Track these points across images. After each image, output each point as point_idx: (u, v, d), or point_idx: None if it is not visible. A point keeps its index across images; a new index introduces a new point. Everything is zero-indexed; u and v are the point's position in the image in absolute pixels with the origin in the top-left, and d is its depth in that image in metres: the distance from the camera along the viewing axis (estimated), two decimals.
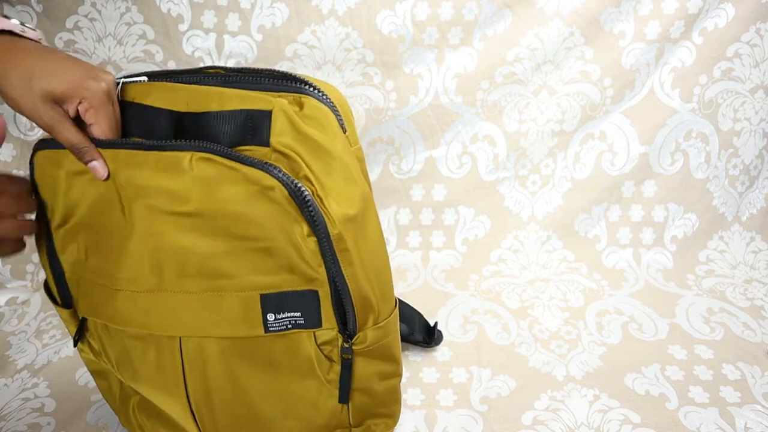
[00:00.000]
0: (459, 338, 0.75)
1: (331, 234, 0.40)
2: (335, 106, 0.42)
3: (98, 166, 0.42)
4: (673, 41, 0.85)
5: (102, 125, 0.42)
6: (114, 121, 0.43)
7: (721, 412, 0.62)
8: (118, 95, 0.43)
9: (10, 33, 0.42)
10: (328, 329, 0.46)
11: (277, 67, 0.85)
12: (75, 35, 0.81)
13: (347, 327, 0.46)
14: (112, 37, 0.82)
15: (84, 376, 0.68)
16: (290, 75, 0.42)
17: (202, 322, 0.45)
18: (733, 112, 0.90)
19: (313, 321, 0.45)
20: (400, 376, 0.53)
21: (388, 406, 0.55)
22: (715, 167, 0.93)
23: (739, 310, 0.81)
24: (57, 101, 0.41)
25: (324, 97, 0.42)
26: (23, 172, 0.85)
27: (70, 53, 0.82)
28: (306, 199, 0.39)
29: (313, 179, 0.40)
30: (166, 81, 0.43)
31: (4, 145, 0.83)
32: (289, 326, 0.45)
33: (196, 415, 0.50)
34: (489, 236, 0.95)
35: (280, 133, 0.40)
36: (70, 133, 0.41)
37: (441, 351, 0.72)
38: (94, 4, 0.80)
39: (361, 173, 0.44)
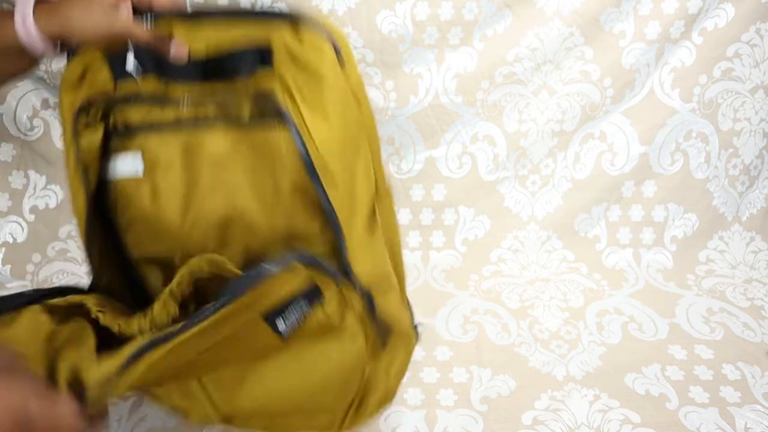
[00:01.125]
0: (459, 338, 0.75)
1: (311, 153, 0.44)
2: (332, 36, 0.46)
3: (178, 48, 0.45)
4: (673, 41, 0.85)
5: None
6: None
7: (721, 412, 0.62)
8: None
9: None
10: (329, 290, 0.45)
11: None
12: None
13: (344, 265, 0.45)
14: None
15: None
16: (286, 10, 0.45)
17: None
18: (733, 112, 0.90)
19: (317, 296, 0.45)
20: (398, 290, 0.54)
21: (401, 322, 0.53)
22: (715, 167, 0.93)
23: (739, 310, 0.81)
24: (118, 6, 0.44)
25: (322, 29, 0.45)
26: (23, 172, 0.85)
27: None
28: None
29: (298, 98, 0.44)
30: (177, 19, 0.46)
31: (4, 144, 0.83)
32: (300, 319, 0.45)
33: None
34: (489, 236, 0.95)
35: (280, 61, 0.44)
36: (143, 33, 0.44)
37: (441, 351, 0.72)
38: None
39: (348, 96, 0.46)
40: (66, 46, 0.46)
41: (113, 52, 0.45)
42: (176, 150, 0.49)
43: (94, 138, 0.47)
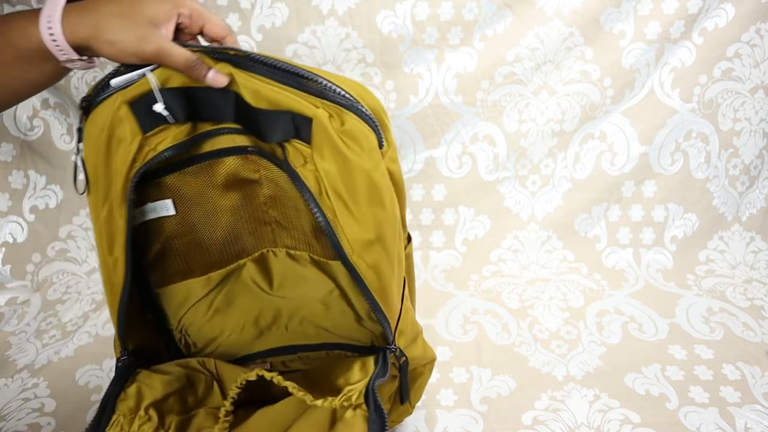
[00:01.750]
0: (459, 338, 0.75)
1: (348, 254, 0.42)
2: (374, 121, 0.42)
3: (217, 74, 0.41)
4: (673, 41, 0.85)
5: (215, 20, 0.42)
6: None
7: (721, 412, 0.62)
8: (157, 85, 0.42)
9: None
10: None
11: None
12: None
13: (388, 341, 0.48)
14: None
15: (84, 376, 0.68)
16: (334, 86, 0.41)
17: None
18: (733, 112, 0.90)
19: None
20: (421, 331, 0.56)
21: (427, 357, 0.56)
22: (715, 167, 0.93)
23: (739, 310, 0.81)
24: (159, 24, 0.40)
25: (366, 113, 0.41)
26: (23, 172, 0.85)
27: None
28: None
29: (335, 203, 0.41)
30: (214, 58, 0.42)
31: (4, 144, 0.83)
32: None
33: None
34: (489, 236, 0.95)
35: (317, 145, 0.41)
36: (181, 52, 0.40)
37: (441, 351, 0.72)
38: None
39: (390, 196, 0.44)
40: (94, 56, 0.42)
41: (136, 101, 0.41)
42: (205, 183, 0.49)
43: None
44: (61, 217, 0.89)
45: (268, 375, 0.47)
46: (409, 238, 0.53)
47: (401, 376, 0.52)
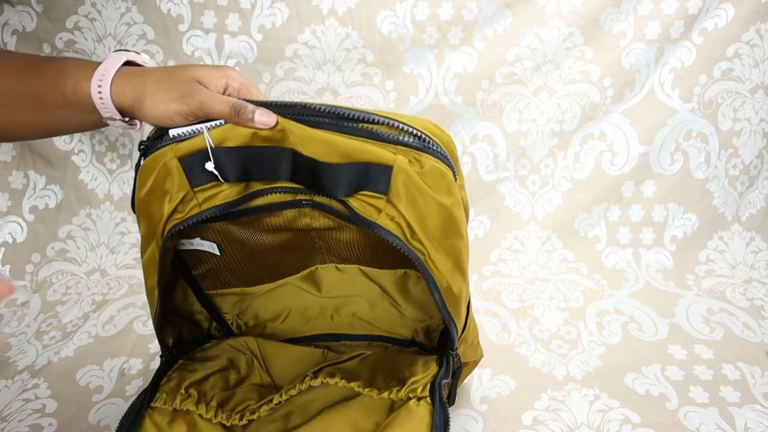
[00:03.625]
0: None
1: (440, 287, 0.44)
2: (449, 158, 0.42)
3: (264, 114, 0.41)
4: (673, 41, 0.85)
5: (256, 93, 0.43)
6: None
7: (721, 412, 0.62)
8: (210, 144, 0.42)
9: (129, 63, 0.43)
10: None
11: (276, 68, 0.85)
12: (75, 35, 0.81)
13: (447, 348, 0.51)
14: (112, 37, 0.82)
15: (85, 377, 0.68)
16: (409, 128, 0.41)
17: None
18: (733, 112, 0.90)
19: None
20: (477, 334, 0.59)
21: (477, 355, 0.60)
22: (715, 167, 0.93)
23: (739, 310, 0.81)
24: (205, 84, 0.41)
25: (441, 152, 0.42)
26: (23, 172, 0.85)
27: (71, 53, 0.82)
28: None
29: (425, 243, 0.42)
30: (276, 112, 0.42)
31: (4, 145, 0.83)
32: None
33: None
34: (489, 236, 0.95)
35: (398, 190, 0.40)
36: (224, 98, 0.41)
37: None
38: (94, 4, 0.80)
39: (465, 225, 0.45)
40: (137, 119, 0.43)
41: (188, 157, 0.42)
42: (255, 230, 0.51)
43: (173, 247, 0.48)
44: (60, 217, 0.89)
45: (332, 381, 0.50)
46: None
47: (453, 381, 0.54)
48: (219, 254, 0.52)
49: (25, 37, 0.79)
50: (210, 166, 0.41)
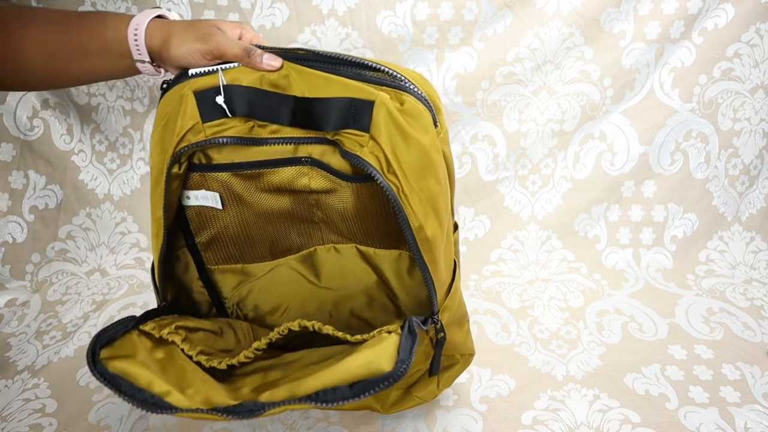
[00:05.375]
0: None
1: (412, 225, 0.44)
2: (430, 103, 0.46)
3: (272, 58, 0.45)
4: (673, 41, 0.85)
5: (267, 45, 0.47)
6: None
7: (721, 412, 0.62)
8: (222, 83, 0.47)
9: (160, 17, 0.49)
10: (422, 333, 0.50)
11: None
12: None
13: (432, 311, 0.50)
14: None
15: (85, 377, 0.68)
16: (395, 73, 0.45)
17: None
18: (733, 112, 0.90)
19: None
20: (468, 320, 0.58)
21: (467, 347, 0.59)
22: (715, 167, 0.93)
23: (739, 310, 0.81)
24: (222, 30, 0.47)
25: (421, 95, 0.45)
26: (23, 172, 0.85)
27: None
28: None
29: (400, 177, 0.44)
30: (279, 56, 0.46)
31: (4, 144, 0.83)
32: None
33: None
34: (489, 236, 0.95)
35: (379, 124, 0.43)
36: (238, 42, 0.46)
37: None
38: (94, 4, 0.80)
39: (444, 172, 0.47)
40: (164, 64, 0.49)
41: (202, 91, 0.46)
42: (256, 187, 0.52)
43: (179, 180, 0.50)
44: (60, 217, 0.89)
45: (309, 324, 0.49)
46: (455, 226, 0.56)
47: (436, 351, 0.54)
48: (221, 208, 0.53)
49: None
50: (220, 99, 0.45)
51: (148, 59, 0.48)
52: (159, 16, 0.49)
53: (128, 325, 0.48)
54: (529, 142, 0.91)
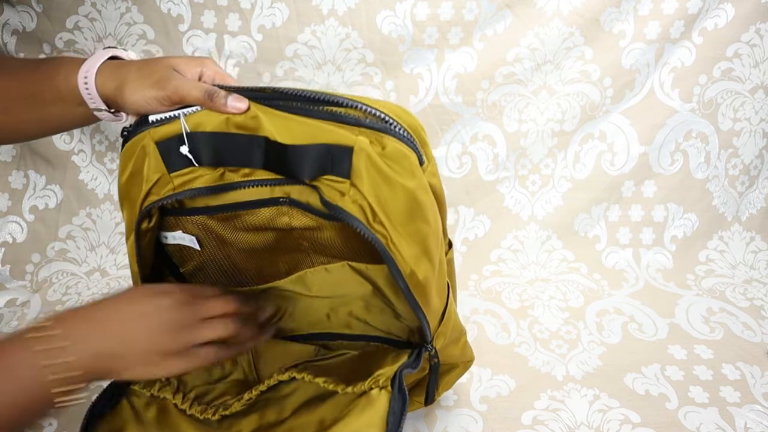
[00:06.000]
0: None
1: (403, 272, 0.42)
2: (414, 142, 0.42)
3: (236, 99, 0.42)
4: (673, 41, 0.85)
5: (230, 81, 0.44)
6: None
7: (721, 412, 0.62)
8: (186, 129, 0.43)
9: (115, 58, 0.46)
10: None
11: (277, 68, 0.85)
12: (75, 35, 0.81)
13: (426, 339, 0.49)
14: (112, 37, 0.82)
15: None
16: (372, 110, 0.41)
17: None
18: (733, 112, 0.90)
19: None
20: (465, 333, 0.58)
21: (465, 356, 0.59)
22: (715, 167, 0.93)
23: (739, 310, 0.81)
24: (181, 72, 0.43)
25: (405, 134, 0.41)
26: (23, 172, 0.85)
27: (71, 53, 0.82)
28: None
29: (388, 226, 0.41)
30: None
31: (4, 145, 0.83)
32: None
33: None
34: (489, 236, 0.95)
35: (360, 171, 0.40)
36: (198, 85, 0.42)
37: None
38: (94, 4, 0.80)
39: (433, 210, 0.44)
40: (121, 109, 0.46)
41: (165, 141, 0.43)
42: (235, 227, 0.50)
43: (152, 232, 0.48)
44: (60, 217, 0.89)
45: (299, 375, 0.50)
46: (450, 244, 0.54)
47: (430, 377, 0.53)
48: (199, 249, 0.51)
49: (25, 37, 0.79)
50: (184, 149, 0.43)
51: (104, 107, 0.45)
52: (114, 57, 0.46)
53: (119, 390, 0.49)
54: (529, 142, 0.91)
